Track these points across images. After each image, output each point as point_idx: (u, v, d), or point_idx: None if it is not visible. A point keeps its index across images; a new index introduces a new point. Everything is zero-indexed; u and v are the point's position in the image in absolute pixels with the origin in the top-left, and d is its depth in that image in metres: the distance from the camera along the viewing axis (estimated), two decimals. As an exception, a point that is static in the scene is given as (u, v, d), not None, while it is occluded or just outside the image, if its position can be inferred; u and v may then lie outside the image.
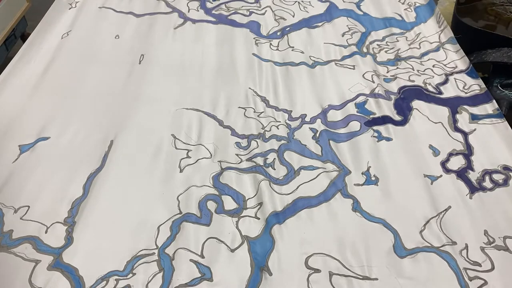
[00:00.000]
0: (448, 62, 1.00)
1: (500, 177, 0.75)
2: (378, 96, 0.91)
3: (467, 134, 0.83)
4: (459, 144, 0.81)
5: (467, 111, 0.87)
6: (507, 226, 0.68)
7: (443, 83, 0.94)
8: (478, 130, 0.83)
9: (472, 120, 0.85)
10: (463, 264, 0.64)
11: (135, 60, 1.00)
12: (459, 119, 0.86)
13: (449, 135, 0.83)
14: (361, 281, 0.62)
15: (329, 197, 0.72)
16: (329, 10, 1.18)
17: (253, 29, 1.11)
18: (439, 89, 0.93)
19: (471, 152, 0.80)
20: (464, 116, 0.86)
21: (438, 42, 0.98)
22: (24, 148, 0.79)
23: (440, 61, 1.00)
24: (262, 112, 0.88)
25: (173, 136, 0.82)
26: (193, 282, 0.62)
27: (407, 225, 0.69)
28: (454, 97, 0.91)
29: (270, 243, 0.66)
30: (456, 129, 0.84)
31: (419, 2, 1.20)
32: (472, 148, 0.80)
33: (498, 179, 0.75)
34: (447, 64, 0.99)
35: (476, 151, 0.80)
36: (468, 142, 0.81)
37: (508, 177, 0.75)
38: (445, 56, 1.01)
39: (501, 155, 0.78)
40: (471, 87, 0.92)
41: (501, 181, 0.75)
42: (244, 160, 0.78)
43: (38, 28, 1.09)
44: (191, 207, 0.71)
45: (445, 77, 0.96)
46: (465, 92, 0.91)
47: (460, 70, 0.96)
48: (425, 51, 1.03)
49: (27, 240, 0.66)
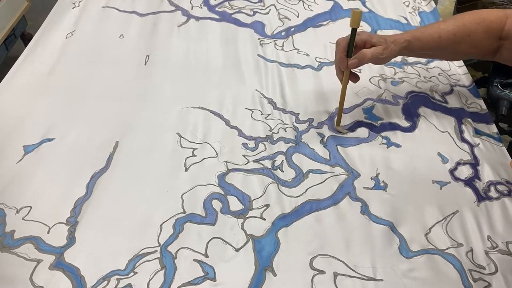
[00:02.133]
0: (452, 74, 0.99)
1: (505, 188, 0.75)
2: (385, 102, 0.90)
3: (473, 146, 0.83)
4: (466, 154, 0.81)
5: (471, 124, 0.87)
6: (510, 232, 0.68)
7: (449, 93, 0.94)
8: (482, 144, 0.83)
9: (476, 134, 0.85)
10: (468, 265, 0.64)
11: (141, 60, 1.00)
12: (464, 130, 0.86)
13: (456, 145, 0.82)
14: (366, 282, 0.62)
15: (338, 200, 0.72)
16: (333, 9, 1.18)
17: (257, 29, 1.11)
18: (445, 98, 0.92)
19: (478, 162, 0.79)
20: (469, 129, 0.86)
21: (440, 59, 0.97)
22: (28, 149, 0.78)
23: (445, 71, 1.00)
24: (270, 114, 0.87)
25: (178, 135, 0.82)
26: (196, 281, 0.61)
27: (414, 228, 0.68)
28: (459, 108, 0.90)
29: (275, 243, 0.66)
30: (462, 139, 0.84)
31: (422, 8, 1.20)
32: (478, 159, 0.80)
33: (503, 190, 0.75)
34: (451, 75, 0.99)
35: (482, 163, 0.80)
36: (474, 153, 0.81)
37: (511, 190, 0.75)
38: (449, 67, 1.01)
39: (503, 172, 0.78)
40: (472, 104, 0.92)
41: (506, 192, 0.75)
42: (251, 161, 0.77)
43: (43, 27, 1.09)
44: (196, 206, 0.70)
45: (450, 87, 0.95)
46: (467, 106, 0.91)
47: (463, 85, 0.96)
48: None
49: (29, 240, 0.65)
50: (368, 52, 0.76)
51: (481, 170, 0.78)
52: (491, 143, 0.84)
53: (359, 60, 0.76)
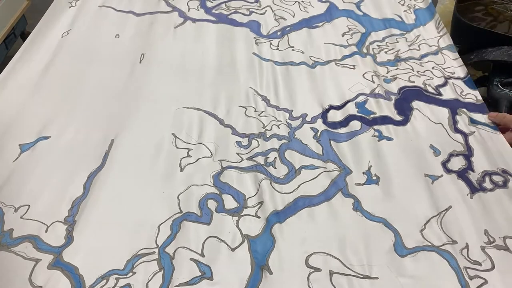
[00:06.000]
0: (447, 67, 0.99)
1: (500, 179, 0.75)
2: (378, 96, 0.91)
3: (467, 135, 0.83)
4: (460, 145, 0.81)
5: (466, 113, 0.87)
6: (507, 226, 0.68)
7: (443, 85, 0.94)
8: (477, 133, 0.83)
9: (472, 123, 0.85)
10: (464, 263, 0.64)
11: (136, 59, 1.00)
12: (459, 120, 0.86)
13: (450, 136, 0.83)
14: (362, 280, 0.62)
15: (330, 196, 0.72)
16: (329, 11, 1.18)
17: (253, 28, 1.11)
18: (438, 91, 0.93)
19: (471, 153, 0.79)
20: (464, 118, 0.86)
21: (437, 47, 0.98)
22: (24, 147, 0.79)
23: (439, 64, 1.00)
24: (263, 111, 0.88)
25: (173, 135, 0.82)
26: (193, 281, 0.61)
27: (408, 224, 0.68)
28: (453, 99, 0.90)
29: (270, 242, 0.66)
30: (456, 130, 0.84)
31: (418, 5, 1.20)
32: (472, 149, 0.80)
33: (498, 181, 0.75)
34: (446, 68, 0.99)
35: (476, 153, 0.79)
36: (468, 143, 0.81)
37: (507, 180, 0.75)
38: (443, 60, 1.01)
39: (499, 160, 0.78)
40: (467, 95, 0.92)
41: (501, 182, 0.74)
42: (245, 159, 0.78)
43: (39, 27, 1.09)
44: (192, 206, 0.71)
45: (444, 79, 0.96)
46: (462, 97, 0.91)
47: (458, 77, 0.96)
48: (424, 53, 1.03)
49: (27, 239, 0.65)
50: None
51: (475, 160, 0.78)
52: (487, 131, 0.83)
53: None
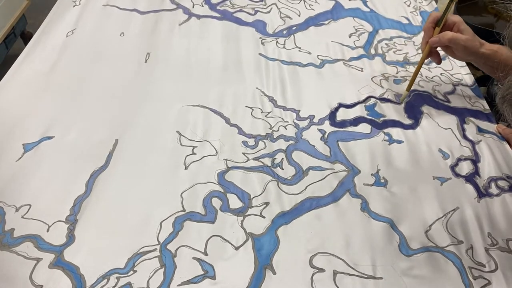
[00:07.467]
0: (454, 73, 0.99)
1: (506, 184, 0.75)
2: (387, 101, 0.90)
3: (474, 143, 0.82)
4: (467, 150, 0.81)
5: (474, 122, 0.87)
6: (510, 229, 0.68)
7: (451, 93, 0.94)
8: (484, 141, 0.83)
9: (479, 132, 0.85)
10: (468, 263, 0.64)
11: (141, 58, 0.99)
12: (467, 129, 0.85)
13: (458, 141, 0.82)
14: (366, 280, 0.61)
15: (338, 197, 0.71)
16: (335, 8, 1.17)
17: (258, 28, 1.10)
18: (447, 98, 0.92)
19: (479, 159, 0.79)
20: (471, 127, 0.86)
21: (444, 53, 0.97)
22: (28, 147, 0.78)
23: (447, 70, 0.99)
24: (270, 112, 0.87)
25: (178, 133, 0.81)
26: (195, 280, 0.60)
27: (414, 225, 0.68)
28: (461, 108, 0.90)
29: (275, 241, 0.65)
30: (464, 137, 0.84)
31: (424, 7, 1.19)
32: (480, 156, 0.80)
33: (504, 186, 0.74)
34: (453, 75, 0.98)
35: (483, 159, 0.79)
36: (476, 150, 0.81)
37: None
38: (451, 66, 1.00)
39: (505, 168, 0.78)
40: (475, 103, 0.91)
41: (507, 187, 0.74)
42: (251, 159, 0.77)
43: (43, 26, 1.08)
44: (195, 205, 0.70)
45: (452, 86, 0.95)
46: (471, 105, 0.91)
47: (466, 84, 0.96)
48: None
49: (29, 238, 0.65)
50: (450, 33, 0.76)
51: (482, 166, 0.78)
52: (494, 139, 0.83)
53: (440, 38, 0.76)
